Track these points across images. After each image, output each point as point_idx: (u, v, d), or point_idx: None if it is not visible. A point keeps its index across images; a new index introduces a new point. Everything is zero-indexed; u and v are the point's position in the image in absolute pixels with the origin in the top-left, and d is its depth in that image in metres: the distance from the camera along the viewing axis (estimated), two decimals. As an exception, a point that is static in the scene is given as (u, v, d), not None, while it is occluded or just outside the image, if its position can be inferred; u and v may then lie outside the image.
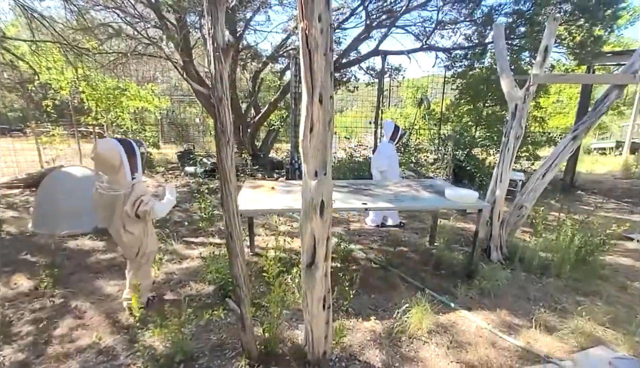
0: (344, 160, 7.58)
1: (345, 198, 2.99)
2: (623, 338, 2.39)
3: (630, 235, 4.36)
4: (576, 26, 5.09)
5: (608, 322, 2.58)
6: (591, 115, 3.13)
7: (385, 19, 7.76)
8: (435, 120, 8.30)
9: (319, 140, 1.62)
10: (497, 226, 3.52)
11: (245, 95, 9.55)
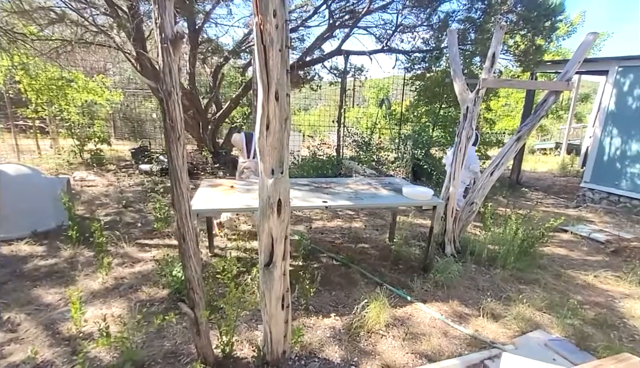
0: (307, 159, 7.58)
1: (306, 196, 2.99)
2: (557, 322, 2.63)
3: (565, 227, 4.81)
4: (520, 35, 5.52)
5: (545, 307, 2.83)
6: (532, 119, 3.41)
7: (348, 19, 7.86)
8: (395, 120, 8.57)
9: (276, 138, 1.60)
10: (451, 222, 3.72)
11: (206, 90, 9.20)
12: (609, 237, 4.47)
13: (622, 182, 5.97)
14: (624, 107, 5.92)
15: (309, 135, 10.65)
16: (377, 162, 7.35)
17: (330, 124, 9.92)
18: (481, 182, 3.73)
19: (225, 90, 10.59)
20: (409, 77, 8.08)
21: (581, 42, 3.22)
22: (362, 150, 7.60)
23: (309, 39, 8.58)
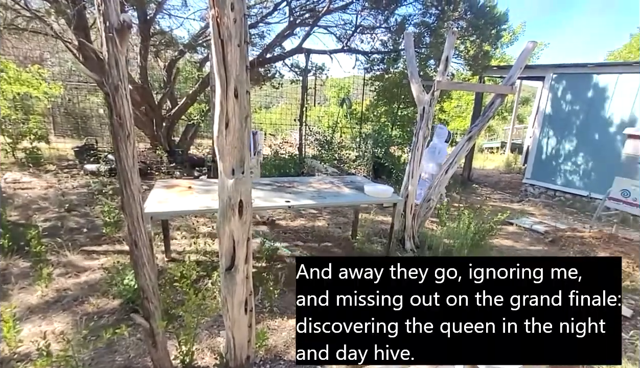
0: (269, 158, 7.47)
1: (268, 196, 2.93)
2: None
3: (511, 220, 5.22)
4: (470, 41, 5.89)
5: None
6: (481, 120, 3.64)
7: (309, 17, 7.86)
8: (356, 120, 8.74)
9: (236, 137, 1.53)
10: (410, 218, 3.86)
11: (160, 85, 8.69)
12: (548, 228, 4.92)
13: (558, 178, 6.61)
14: (559, 110, 6.55)
15: (270, 134, 10.49)
16: (339, 161, 7.44)
17: (292, 122, 9.87)
18: (437, 180, 3.91)
19: (181, 85, 10.08)
20: (368, 78, 8.27)
21: (522, 50, 3.50)
22: (324, 148, 7.65)
23: (269, 36, 8.45)
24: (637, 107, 5.52)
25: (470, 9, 5.54)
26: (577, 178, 6.32)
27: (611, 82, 5.79)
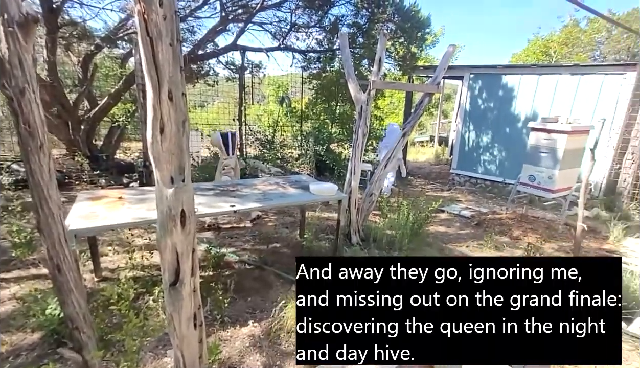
0: (208, 160, 7.11)
1: (211, 201, 2.79)
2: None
3: (443, 208, 5.72)
4: (398, 43, 6.29)
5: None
6: (413, 117, 3.92)
7: (242, 13, 7.62)
8: (296, 118, 8.76)
9: (173, 142, 1.43)
10: (354, 213, 4.00)
11: (74, 83, 7.67)
12: (473, 213, 5.51)
13: (479, 167, 7.42)
14: (476, 106, 7.33)
15: (207, 135, 9.99)
16: (281, 160, 7.39)
17: (231, 121, 9.51)
18: (377, 175, 4.12)
19: (101, 83, 9.04)
20: (306, 76, 8.34)
21: (445, 53, 3.84)
22: (266, 148, 7.53)
23: (200, 31, 8.01)
24: (536, 104, 6.43)
25: (398, 13, 5.91)
26: (494, 167, 7.17)
27: (516, 82, 6.67)
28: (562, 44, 14.22)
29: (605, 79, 5.59)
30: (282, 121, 9.46)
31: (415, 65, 7.64)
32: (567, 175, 4.56)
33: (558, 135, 4.36)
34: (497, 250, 4.13)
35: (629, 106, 5.39)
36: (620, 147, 5.58)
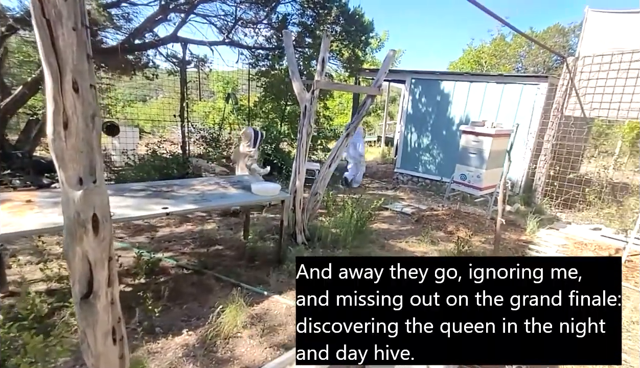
0: (146, 158, 6.61)
1: (142, 204, 2.58)
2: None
3: (386, 206, 5.97)
4: (343, 45, 6.43)
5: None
6: (356, 118, 4.03)
7: (184, 3, 7.20)
8: (244, 116, 8.52)
9: (80, 139, 1.27)
10: (300, 212, 3.99)
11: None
12: (413, 210, 5.82)
13: (419, 167, 7.88)
14: (417, 109, 7.78)
15: (147, 132, 9.31)
16: (227, 159, 7.13)
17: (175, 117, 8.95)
18: (322, 174, 4.15)
19: (16, 71, 7.94)
20: (254, 73, 8.15)
21: (385, 57, 3.99)
22: (211, 146, 7.21)
23: (136, 19, 7.41)
24: (469, 109, 7.00)
25: (343, 15, 6.03)
26: (433, 166, 7.66)
27: (451, 88, 7.20)
28: (491, 55, 15.71)
29: (524, 88, 6.28)
30: (231, 119, 9.14)
31: (361, 67, 7.87)
32: (493, 174, 5.03)
33: (484, 137, 4.79)
34: (433, 244, 4.41)
35: (542, 113, 6.11)
36: (535, 149, 6.30)
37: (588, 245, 4.64)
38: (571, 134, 5.91)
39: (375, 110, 15.92)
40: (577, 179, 6.07)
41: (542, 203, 6.12)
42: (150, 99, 16.63)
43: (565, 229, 5.26)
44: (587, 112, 5.64)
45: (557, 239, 4.83)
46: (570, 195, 5.98)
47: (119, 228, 4.14)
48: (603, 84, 5.37)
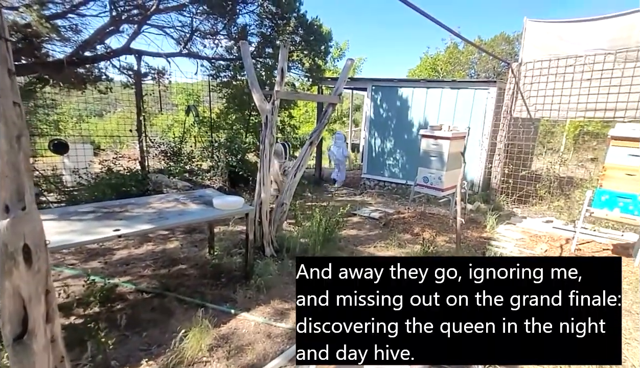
0: (101, 177, 6.21)
1: (90, 227, 2.40)
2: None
3: (354, 211, 6.03)
4: (303, 54, 6.48)
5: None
6: (318, 126, 4.05)
7: (137, 14, 6.94)
8: (207, 128, 8.30)
9: (4, 162, 1.15)
10: (267, 224, 3.92)
11: None
12: (381, 214, 5.92)
13: (385, 171, 8.06)
14: (379, 115, 7.98)
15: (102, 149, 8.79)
16: (190, 173, 6.88)
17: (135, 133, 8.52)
18: (287, 184, 4.11)
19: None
20: (216, 84, 7.98)
21: (344, 66, 4.06)
22: (172, 161, 6.93)
23: (86, 31, 7.04)
24: (427, 113, 7.30)
25: (301, 26, 6.10)
26: (398, 170, 7.87)
27: (410, 94, 7.47)
28: (446, 62, 16.57)
29: (476, 93, 6.65)
30: (194, 131, 8.85)
31: (324, 76, 7.97)
32: (453, 175, 5.25)
33: (443, 140, 5.00)
34: (400, 247, 4.49)
35: (493, 116, 6.50)
36: (490, 149, 6.68)
37: (542, 237, 4.94)
38: (520, 134, 6.33)
39: (341, 118, 16.18)
40: (529, 176, 6.49)
41: (500, 200, 6.47)
42: (107, 113, 15.82)
43: (521, 223, 5.58)
44: (533, 113, 6.08)
45: (515, 234, 5.11)
46: (523, 191, 6.38)
47: (70, 254, 3.83)
48: (544, 87, 5.83)
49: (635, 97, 5.03)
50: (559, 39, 5.58)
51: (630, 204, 3.82)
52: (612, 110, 5.26)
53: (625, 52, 5.02)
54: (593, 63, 5.30)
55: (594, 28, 5.26)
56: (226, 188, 6.77)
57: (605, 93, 5.25)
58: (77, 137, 10.82)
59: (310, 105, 14.91)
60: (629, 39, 4.98)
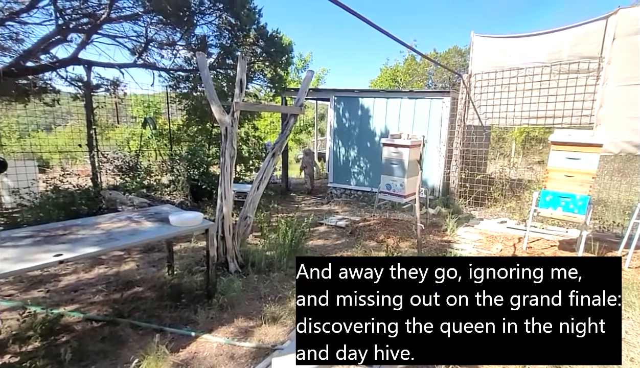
0: (47, 195, 5.73)
1: (27, 253, 2.17)
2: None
3: (321, 221, 6.03)
4: (265, 65, 6.47)
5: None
6: (280, 137, 4.02)
7: (87, 23, 6.58)
8: (167, 140, 7.98)
9: None
10: (230, 239, 3.79)
11: None
12: (347, 222, 5.97)
13: (351, 179, 8.18)
14: (342, 125, 8.12)
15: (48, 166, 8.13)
16: (148, 189, 6.54)
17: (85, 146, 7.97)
18: (250, 197, 4.02)
19: None
20: (175, 95, 7.72)
21: (304, 78, 4.10)
22: (128, 176, 6.55)
23: (29, 40, 6.56)
24: (388, 122, 7.54)
25: (262, 37, 6.09)
26: (363, 178, 8.02)
27: (371, 103, 7.69)
28: (405, 74, 17.32)
29: (432, 102, 6.99)
30: (153, 144, 8.46)
31: (287, 87, 7.98)
32: (414, 181, 5.43)
33: (402, 148, 5.17)
34: (366, 255, 4.54)
35: (448, 124, 6.85)
36: (447, 156, 7.01)
37: (497, 237, 5.23)
38: (474, 140, 6.71)
39: (307, 128, 16.28)
40: (484, 179, 6.88)
41: (459, 203, 6.79)
42: (57, 127, 14.77)
43: (479, 225, 5.88)
44: (484, 121, 6.48)
45: (473, 235, 5.37)
46: (479, 194, 6.74)
47: (8, 284, 3.46)
48: (492, 97, 6.26)
49: (569, 106, 5.54)
50: (502, 52, 6.03)
51: (571, 203, 4.15)
52: (551, 118, 5.75)
53: (558, 64, 5.53)
54: (532, 74, 5.78)
55: (533, 43, 5.76)
56: (188, 203, 6.51)
57: (545, 102, 5.74)
58: (20, 153, 9.94)
59: (276, 115, 14.88)
60: (561, 53, 5.50)
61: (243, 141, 8.36)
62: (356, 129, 7.91)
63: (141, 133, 7.96)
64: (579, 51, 5.36)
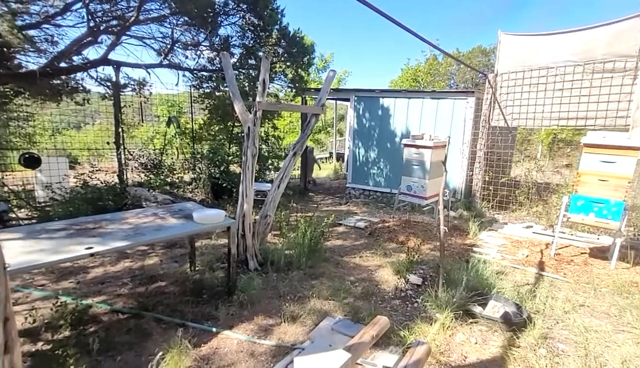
0: (76, 191, 5.98)
1: (60, 245, 2.27)
2: (339, 305, 3.18)
3: (340, 221, 6.00)
4: (286, 66, 6.51)
5: (330, 295, 3.36)
6: (301, 137, 4.03)
7: (116, 25, 6.83)
8: (189, 139, 8.17)
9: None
10: (250, 237, 3.83)
11: None
12: (366, 224, 5.92)
13: (370, 180, 8.10)
14: (362, 125, 8.06)
15: (78, 163, 8.48)
16: (172, 186, 6.72)
17: (112, 145, 8.29)
18: (271, 195, 4.05)
19: None
20: (198, 95, 7.90)
21: (326, 77, 4.09)
22: (152, 173, 6.75)
23: (62, 42, 6.87)
24: (409, 122, 7.42)
25: (284, 38, 6.14)
26: (382, 179, 7.93)
27: (392, 104, 7.60)
28: (426, 73, 17.03)
29: (455, 103, 6.82)
30: (176, 143, 8.69)
31: (307, 87, 8.00)
32: (435, 183, 5.31)
33: (424, 149, 5.07)
34: (386, 256, 4.48)
35: (472, 125, 6.67)
36: (471, 157, 6.83)
37: (523, 242, 5.04)
38: (499, 142, 6.51)
39: (326, 128, 16.28)
40: (508, 182, 6.65)
41: (481, 206, 6.59)
42: (86, 125, 15.45)
43: (503, 229, 5.69)
44: (510, 122, 6.27)
45: (497, 240, 5.20)
46: (504, 198, 6.52)
47: (40, 275, 3.63)
48: (519, 97, 6.04)
49: (603, 106, 5.27)
50: (530, 51, 5.81)
51: (604, 209, 3.94)
52: (583, 119, 5.49)
53: (592, 63, 5.27)
54: (564, 74, 5.54)
55: (562, 41, 5.52)
56: (209, 201, 6.63)
57: (576, 102, 5.48)
58: (52, 150, 10.45)
59: (295, 115, 14.95)
60: (594, 51, 5.24)
61: (263, 140, 8.45)
62: (376, 129, 7.83)
63: (165, 131, 8.19)
64: (614, 49, 5.09)
